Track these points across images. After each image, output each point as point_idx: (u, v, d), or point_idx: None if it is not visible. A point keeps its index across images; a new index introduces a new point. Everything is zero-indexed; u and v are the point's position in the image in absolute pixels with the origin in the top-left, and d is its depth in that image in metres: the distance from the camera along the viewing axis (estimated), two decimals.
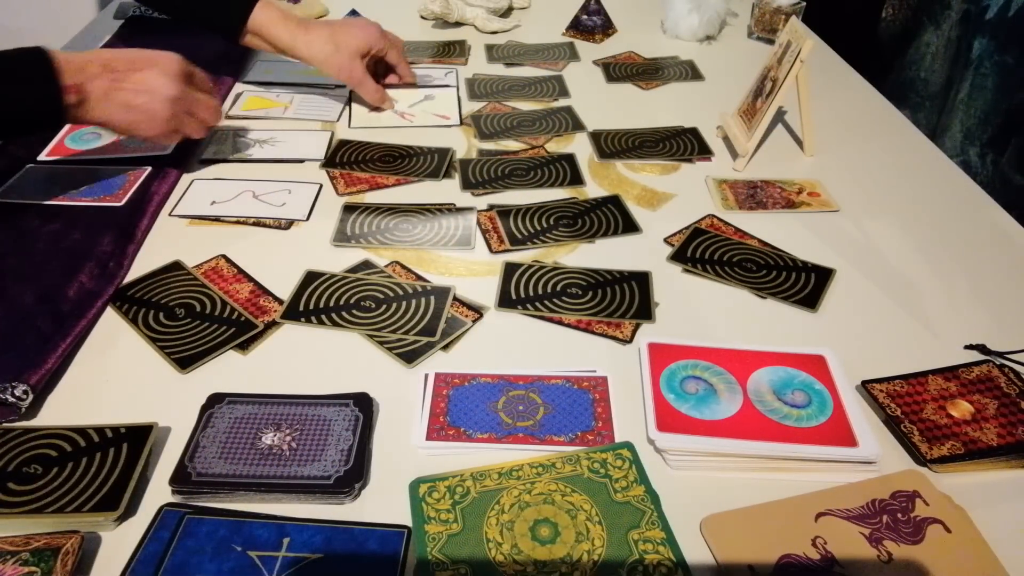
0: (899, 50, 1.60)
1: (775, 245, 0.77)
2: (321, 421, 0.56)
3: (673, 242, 0.78)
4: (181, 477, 0.52)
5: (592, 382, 0.60)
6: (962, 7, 1.44)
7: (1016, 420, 0.56)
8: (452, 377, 0.60)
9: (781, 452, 0.54)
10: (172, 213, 0.80)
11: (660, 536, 0.49)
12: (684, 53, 1.21)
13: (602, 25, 1.27)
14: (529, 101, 1.05)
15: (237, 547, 0.48)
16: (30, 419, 0.57)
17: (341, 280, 0.71)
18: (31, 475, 0.52)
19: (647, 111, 1.04)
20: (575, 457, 0.54)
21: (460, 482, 0.52)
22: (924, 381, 0.60)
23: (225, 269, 0.73)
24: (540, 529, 0.49)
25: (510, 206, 0.82)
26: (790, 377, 0.60)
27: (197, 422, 0.56)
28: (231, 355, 0.63)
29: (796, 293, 0.71)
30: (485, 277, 0.72)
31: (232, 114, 0.99)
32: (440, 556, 0.47)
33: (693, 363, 0.61)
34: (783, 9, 1.19)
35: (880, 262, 0.75)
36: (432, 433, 0.56)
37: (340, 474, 0.52)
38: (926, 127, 1.50)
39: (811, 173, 0.90)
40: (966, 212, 0.83)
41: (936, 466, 0.54)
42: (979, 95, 1.39)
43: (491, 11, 1.28)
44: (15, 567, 0.45)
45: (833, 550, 0.48)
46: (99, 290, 0.68)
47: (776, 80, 0.87)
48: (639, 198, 0.85)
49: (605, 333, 0.66)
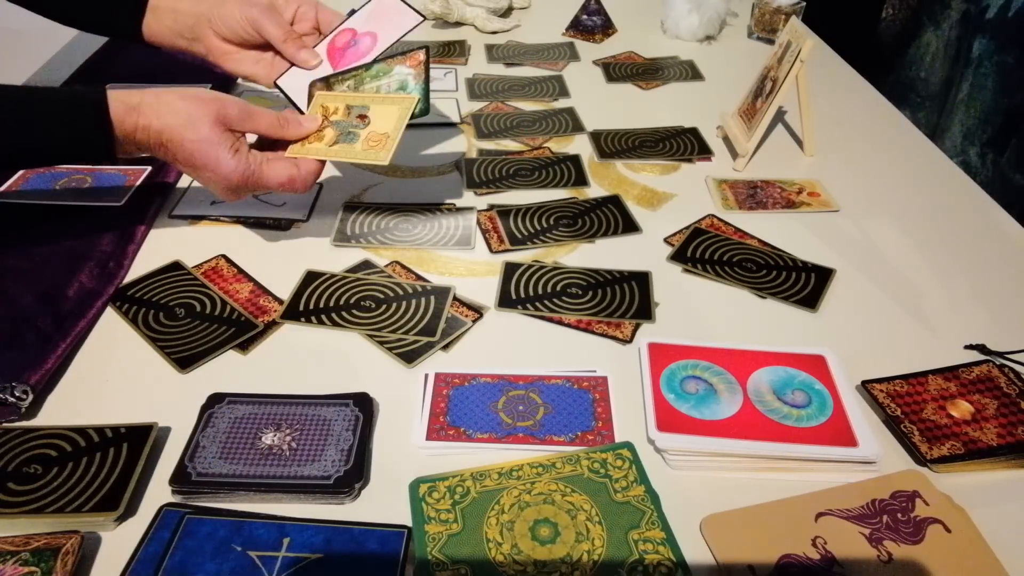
0: (899, 50, 1.60)
1: (775, 245, 0.77)
2: (321, 421, 0.56)
3: (673, 242, 0.78)
4: (181, 477, 0.52)
5: (592, 382, 0.60)
6: (962, 7, 1.44)
7: (1016, 420, 0.56)
8: (452, 377, 0.60)
9: (781, 452, 0.54)
10: (172, 213, 0.80)
11: (660, 536, 0.49)
12: (684, 53, 1.21)
13: (602, 25, 1.27)
14: (529, 101, 1.05)
15: (237, 547, 0.48)
16: (30, 419, 0.57)
17: (341, 280, 0.71)
18: (31, 475, 0.52)
19: (647, 111, 1.04)
20: (575, 457, 0.54)
21: (460, 482, 0.52)
22: (924, 381, 0.60)
23: (225, 269, 0.73)
24: (540, 529, 0.49)
25: (510, 206, 0.82)
26: (790, 377, 0.60)
27: (197, 422, 0.56)
28: (231, 355, 0.63)
29: (796, 293, 0.71)
30: (485, 277, 0.72)
31: None
32: (440, 556, 0.47)
33: (693, 363, 0.61)
34: (783, 9, 1.19)
35: (880, 262, 0.75)
36: (432, 433, 0.56)
37: (340, 474, 0.52)
38: (926, 127, 1.50)
39: (811, 173, 0.90)
40: (966, 212, 0.83)
41: (936, 466, 0.54)
42: (979, 95, 1.39)
43: (491, 11, 1.28)
44: (15, 567, 0.45)
45: (833, 550, 0.48)
46: (99, 290, 0.68)
47: (776, 80, 0.87)
48: (639, 198, 0.85)
49: (605, 333, 0.66)
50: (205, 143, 0.63)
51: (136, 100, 0.62)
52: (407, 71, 0.74)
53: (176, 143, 0.63)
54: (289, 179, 0.67)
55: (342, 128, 0.71)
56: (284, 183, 0.67)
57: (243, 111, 0.66)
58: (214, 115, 0.63)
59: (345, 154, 0.70)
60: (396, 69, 0.74)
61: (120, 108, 0.61)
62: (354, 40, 0.78)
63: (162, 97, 0.63)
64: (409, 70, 0.74)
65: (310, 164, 0.69)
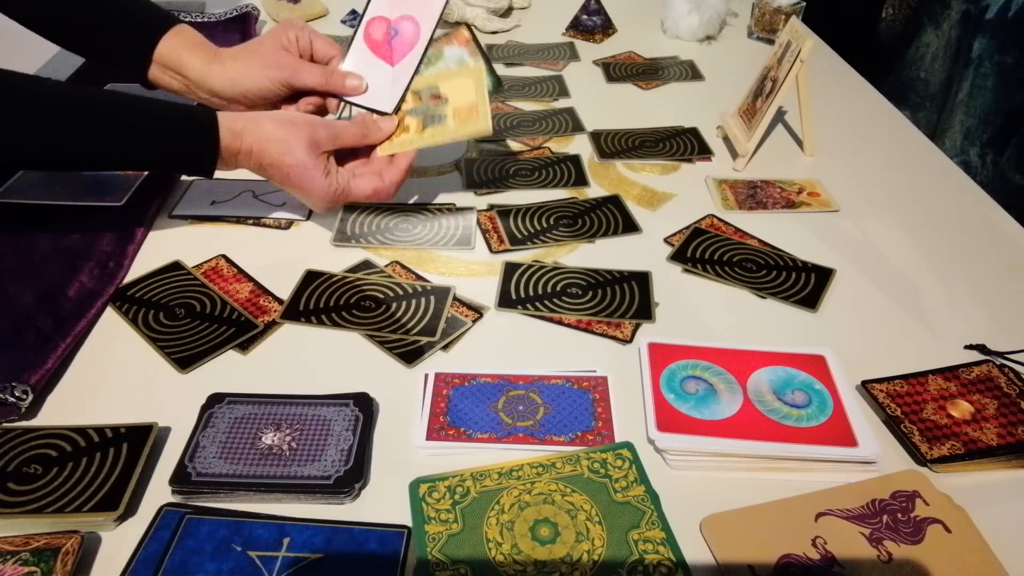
0: (899, 50, 1.60)
1: (775, 245, 0.77)
2: (321, 421, 0.56)
3: (673, 242, 0.78)
4: (181, 477, 0.52)
5: (592, 382, 0.60)
6: (962, 7, 1.43)
7: (1016, 420, 0.56)
8: (452, 377, 0.60)
9: (781, 452, 0.54)
10: (172, 213, 0.80)
11: (660, 536, 0.49)
12: (684, 53, 1.21)
13: (602, 25, 1.27)
14: (529, 101, 1.05)
15: (237, 547, 0.48)
16: (30, 419, 0.57)
17: (341, 280, 0.71)
18: (31, 475, 0.52)
19: (647, 111, 1.04)
20: (575, 457, 0.54)
21: (460, 482, 0.52)
22: (924, 381, 0.60)
23: (225, 269, 0.73)
24: (540, 529, 0.49)
25: (510, 206, 0.82)
26: (790, 377, 0.60)
27: (197, 422, 0.56)
28: (231, 355, 0.63)
29: (796, 293, 0.71)
30: (485, 277, 0.72)
31: None
32: (440, 556, 0.47)
33: (693, 363, 0.61)
34: (783, 9, 1.19)
35: (880, 262, 0.75)
36: (432, 433, 0.56)
37: (340, 474, 0.52)
38: (926, 127, 1.50)
39: (811, 173, 0.90)
40: (966, 212, 0.83)
41: (936, 466, 0.54)
42: (979, 95, 1.39)
43: (491, 11, 1.28)
44: (15, 567, 0.45)
45: (833, 550, 0.48)
46: (99, 290, 0.68)
47: (776, 80, 0.87)
48: (639, 198, 0.85)
49: (605, 333, 0.66)
50: (300, 167, 0.68)
51: (239, 126, 0.67)
52: (459, 50, 0.73)
53: (275, 167, 0.69)
54: (375, 191, 0.72)
55: (424, 112, 0.72)
56: (370, 195, 0.72)
57: (331, 132, 0.70)
58: (307, 140, 0.68)
59: (441, 135, 0.71)
60: (446, 51, 0.74)
61: (227, 134, 0.67)
62: (393, 28, 0.76)
63: (261, 123, 0.68)
64: (460, 48, 0.73)
65: (393, 174, 0.73)
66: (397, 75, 0.75)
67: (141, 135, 0.65)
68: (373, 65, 0.76)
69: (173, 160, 0.68)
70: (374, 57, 0.76)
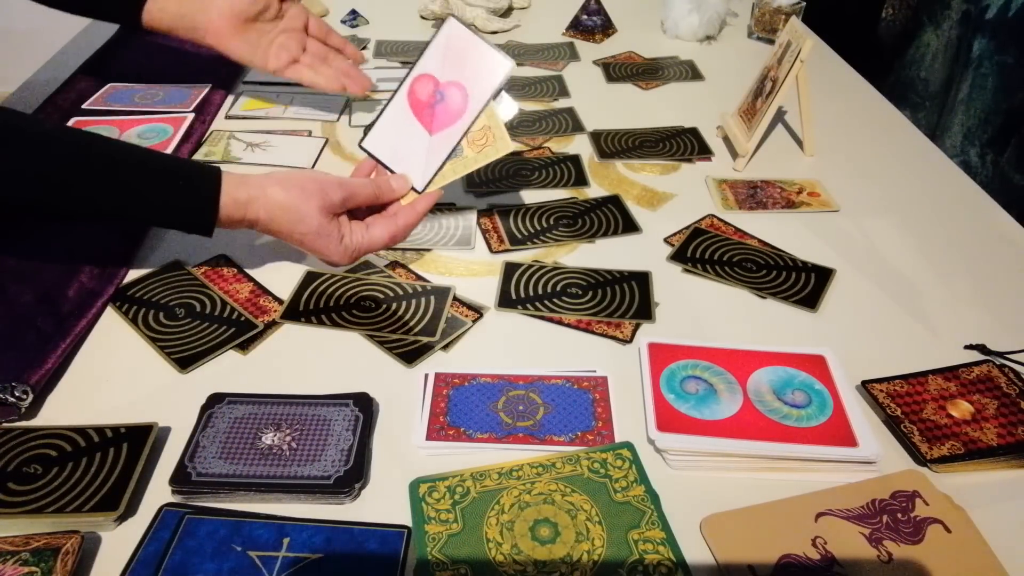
0: (899, 50, 1.60)
1: (775, 245, 0.77)
2: (321, 421, 0.56)
3: (673, 242, 0.78)
4: (181, 477, 0.52)
5: (592, 382, 0.60)
6: (962, 7, 1.43)
7: (1016, 420, 0.56)
8: (452, 377, 0.60)
9: (781, 452, 0.54)
10: None
11: (660, 536, 0.49)
12: (684, 53, 1.21)
13: (602, 25, 1.27)
14: (529, 101, 1.05)
15: (237, 547, 0.48)
16: (30, 419, 0.57)
17: (341, 280, 0.71)
18: (31, 475, 0.52)
19: (647, 111, 1.04)
20: (575, 457, 0.54)
21: (460, 482, 0.52)
22: (924, 381, 0.60)
23: (225, 269, 0.73)
24: (540, 529, 0.49)
25: (510, 206, 0.82)
26: (790, 377, 0.60)
27: (197, 422, 0.56)
28: (231, 355, 0.63)
29: (796, 293, 0.71)
30: (485, 277, 0.72)
31: (231, 114, 0.99)
32: (440, 556, 0.47)
33: (693, 363, 0.61)
34: (783, 9, 1.19)
35: (880, 262, 0.75)
36: (432, 433, 0.56)
37: (340, 474, 0.52)
38: (926, 127, 1.50)
39: (811, 173, 0.90)
40: (966, 212, 0.83)
41: (936, 466, 0.54)
42: (979, 95, 1.39)
43: (491, 11, 1.28)
44: (15, 567, 0.45)
45: (833, 550, 0.48)
46: (99, 290, 0.68)
47: (776, 80, 0.87)
48: (639, 198, 0.85)
49: (605, 333, 0.66)
50: (313, 235, 0.65)
51: (244, 196, 0.64)
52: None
53: (285, 234, 0.66)
54: (391, 237, 0.69)
55: None
56: (387, 242, 0.69)
57: (344, 195, 0.67)
58: (319, 206, 0.65)
59: (463, 167, 0.70)
60: None
61: (230, 203, 0.63)
62: (440, 92, 0.70)
63: (268, 191, 0.64)
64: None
65: (409, 217, 0.69)
66: (433, 147, 0.70)
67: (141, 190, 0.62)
68: (410, 126, 0.71)
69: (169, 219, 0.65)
70: (414, 118, 0.71)
